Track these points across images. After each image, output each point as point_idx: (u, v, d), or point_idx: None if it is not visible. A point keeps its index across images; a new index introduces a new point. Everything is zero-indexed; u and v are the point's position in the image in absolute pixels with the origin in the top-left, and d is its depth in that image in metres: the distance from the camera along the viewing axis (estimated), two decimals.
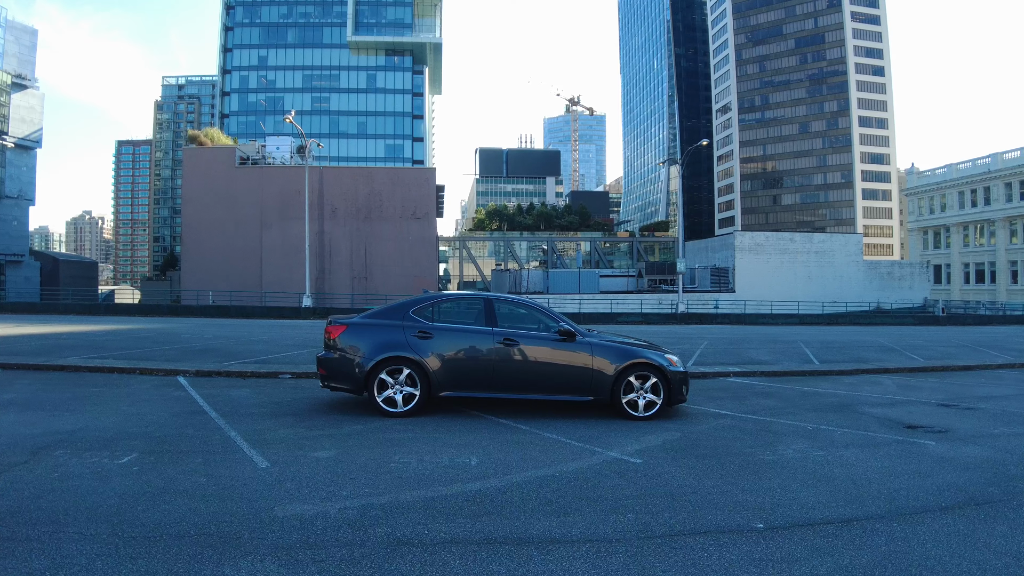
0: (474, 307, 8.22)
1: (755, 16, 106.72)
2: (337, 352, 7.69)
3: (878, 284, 55.49)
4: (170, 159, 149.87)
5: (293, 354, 13.93)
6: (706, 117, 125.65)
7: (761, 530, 4.27)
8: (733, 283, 54.75)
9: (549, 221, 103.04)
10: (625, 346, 8.18)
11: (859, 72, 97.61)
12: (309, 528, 3.99)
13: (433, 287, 48.28)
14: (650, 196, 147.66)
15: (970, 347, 20.54)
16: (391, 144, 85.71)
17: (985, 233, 62.04)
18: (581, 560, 3.69)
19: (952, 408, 9.92)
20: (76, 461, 5.22)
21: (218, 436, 6.32)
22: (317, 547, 3.71)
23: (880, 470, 5.95)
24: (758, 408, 9.36)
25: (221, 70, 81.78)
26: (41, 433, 6.19)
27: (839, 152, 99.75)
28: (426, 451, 6.03)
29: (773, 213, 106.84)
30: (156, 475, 4.92)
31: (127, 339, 16.20)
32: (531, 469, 5.55)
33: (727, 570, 3.63)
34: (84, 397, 8.36)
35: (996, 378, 13.83)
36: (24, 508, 4.09)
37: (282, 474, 5.11)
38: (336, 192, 44.11)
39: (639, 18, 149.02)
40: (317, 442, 6.26)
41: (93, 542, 3.64)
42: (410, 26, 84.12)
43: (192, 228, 42.86)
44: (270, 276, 41.99)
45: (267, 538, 3.80)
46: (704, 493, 5.05)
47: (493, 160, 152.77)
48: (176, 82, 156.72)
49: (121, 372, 10.71)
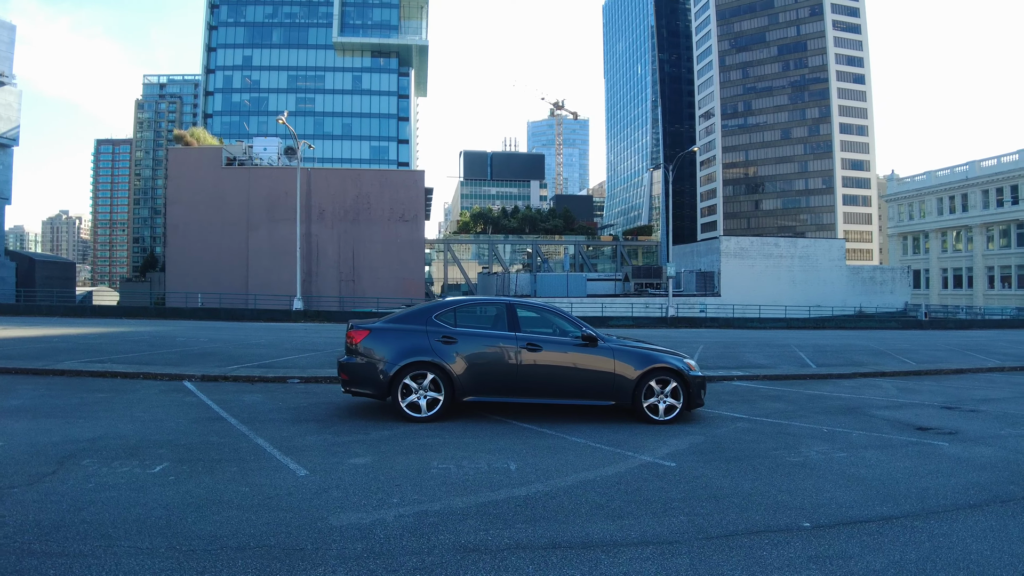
0: (496, 312, 8.18)
1: (739, 23, 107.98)
2: (360, 357, 7.60)
3: (860, 289, 56.33)
4: (151, 159, 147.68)
5: (294, 358, 13.77)
6: (689, 122, 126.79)
7: (808, 529, 4.40)
8: (719, 287, 55.22)
9: (534, 224, 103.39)
10: (646, 351, 8.23)
11: (840, 80, 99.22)
12: (370, 537, 3.93)
13: (422, 290, 48.04)
14: (633, 200, 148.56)
15: (957, 351, 20.91)
16: (376, 146, 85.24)
17: (963, 239, 63.33)
18: (648, 562, 3.75)
19: (955, 411, 10.12)
20: (107, 471, 5.08)
21: (246, 444, 6.20)
22: (385, 556, 3.66)
23: (904, 470, 6.14)
24: (770, 411, 9.48)
25: (205, 69, 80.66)
26: (61, 441, 6.02)
27: (820, 158, 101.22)
28: (461, 456, 6.01)
29: (755, 218, 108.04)
30: (195, 485, 4.80)
31: (122, 342, 15.88)
32: (572, 474, 5.58)
33: (788, 567, 3.75)
34: (94, 403, 8.16)
35: (989, 381, 14.10)
36: (68, 521, 3.95)
37: (324, 482, 5.03)
38: (324, 194, 43.73)
39: (623, 23, 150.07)
40: (349, 448, 6.18)
41: (152, 557, 3.53)
42: (396, 28, 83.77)
43: (177, 229, 42.17)
44: (257, 278, 41.46)
45: (331, 548, 3.73)
46: (745, 495, 5.16)
47: (477, 163, 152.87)
48: (158, 81, 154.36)
49: (125, 377, 10.49)
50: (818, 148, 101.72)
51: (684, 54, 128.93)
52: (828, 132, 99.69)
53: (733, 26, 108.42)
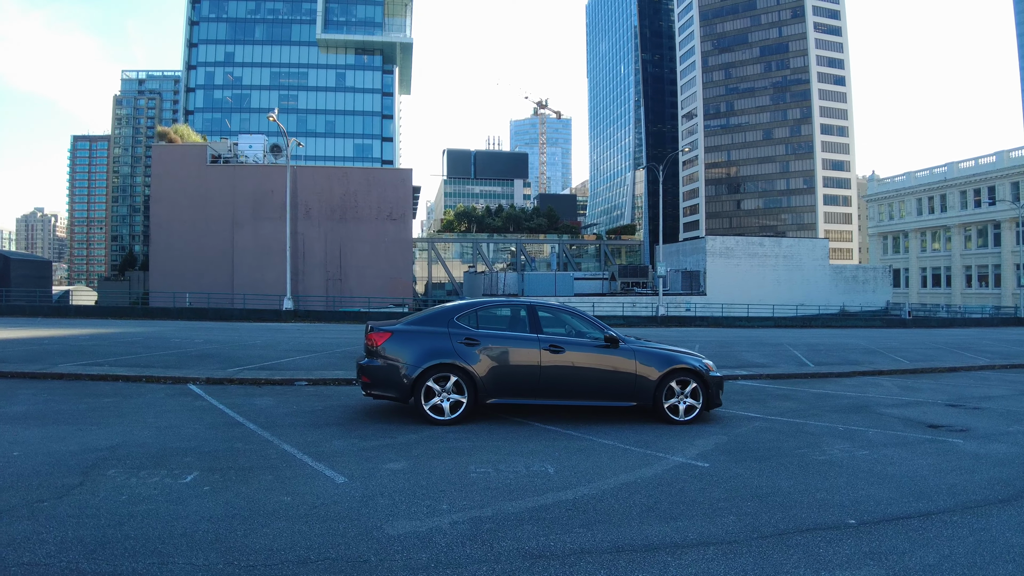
0: (517, 314, 8.11)
1: (721, 24, 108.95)
2: (381, 359, 7.47)
3: (843, 288, 57.11)
4: (129, 155, 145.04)
5: (295, 360, 13.55)
6: (672, 123, 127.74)
7: (855, 526, 4.47)
8: (704, 286, 55.63)
9: (518, 223, 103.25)
10: (666, 352, 8.23)
11: (821, 81, 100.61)
12: (432, 546, 3.84)
13: (409, 289, 47.80)
14: (616, 200, 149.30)
15: (946, 349, 21.25)
16: (360, 144, 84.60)
17: (941, 239, 64.52)
18: (714, 562, 3.78)
19: (960, 408, 10.28)
20: (136, 481, 4.88)
21: (272, 450, 6.04)
22: (453, 566, 3.57)
23: (928, 467, 6.25)
24: (782, 410, 9.55)
25: (186, 65, 79.32)
26: (79, 450, 5.80)
27: (801, 158, 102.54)
28: (496, 460, 5.94)
29: (737, 218, 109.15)
30: (233, 495, 4.64)
31: (114, 344, 15.51)
32: (611, 476, 5.55)
33: (848, 564, 3.82)
34: (101, 408, 7.92)
35: (983, 379, 14.33)
36: (111, 538, 3.76)
37: (366, 489, 4.91)
38: (310, 192, 43.26)
39: (606, 23, 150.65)
40: (380, 453, 6.05)
41: (211, 574, 3.38)
42: (380, 25, 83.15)
43: (161, 227, 41.41)
44: (242, 277, 40.88)
45: (396, 559, 3.61)
46: (785, 493, 5.21)
47: (461, 161, 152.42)
48: (136, 76, 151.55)
49: (127, 380, 10.22)
50: (799, 148, 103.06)
51: (667, 54, 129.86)
52: (809, 133, 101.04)
53: (716, 27, 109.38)
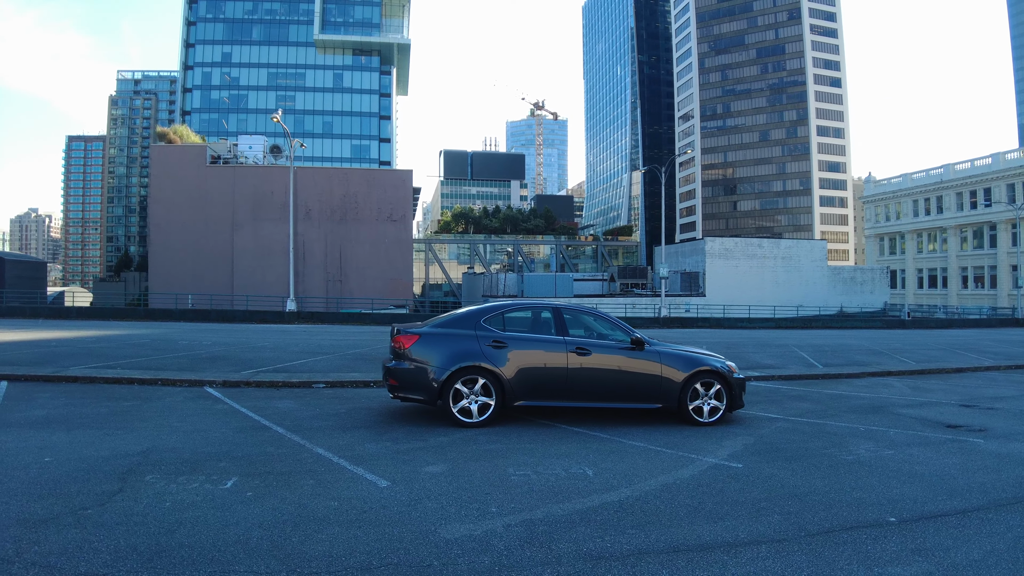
0: (542, 316, 8.14)
1: (718, 25, 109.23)
2: (409, 362, 7.45)
3: (841, 289, 57.28)
4: (125, 156, 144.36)
5: (307, 362, 13.48)
6: (668, 124, 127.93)
7: (896, 523, 4.56)
8: (703, 287, 55.68)
9: (515, 224, 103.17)
10: (690, 353, 8.26)
11: (818, 83, 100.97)
12: (491, 549, 3.83)
13: (410, 290, 47.76)
14: (612, 201, 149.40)
15: (948, 350, 21.34)
16: (357, 144, 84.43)
17: (937, 240, 64.83)
18: (769, 560, 3.83)
19: (974, 408, 10.36)
20: (176, 487, 4.82)
21: (307, 454, 5.99)
22: (517, 569, 3.57)
23: (955, 467, 6.34)
24: (801, 411, 9.62)
25: (183, 66, 78.95)
26: (110, 455, 5.72)
27: (798, 160, 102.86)
28: (533, 463, 5.93)
29: (733, 219, 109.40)
30: (279, 501, 4.59)
31: (123, 346, 15.41)
32: (650, 478, 5.58)
33: (897, 560, 3.90)
34: (124, 412, 7.85)
35: (991, 380, 14.42)
36: (166, 546, 3.71)
37: (411, 493, 4.89)
38: (311, 193, 43.15)
39: (603, 25, 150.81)
40: (415, 456, 6.03)
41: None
42: (378, 26, 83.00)
43: (160, 228, 41.21)
44: (242, 279, 40.75)
45: (459, 563, 3.60)
46: (822, 493, 5.26)
47: (457, 162, 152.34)
48: (132, 77, 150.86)
49: (142, 383, 10.14)
50: (796, 150, 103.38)
51: (663, 56, 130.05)
52: (806, 134, 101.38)
53: (712, 28, 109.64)
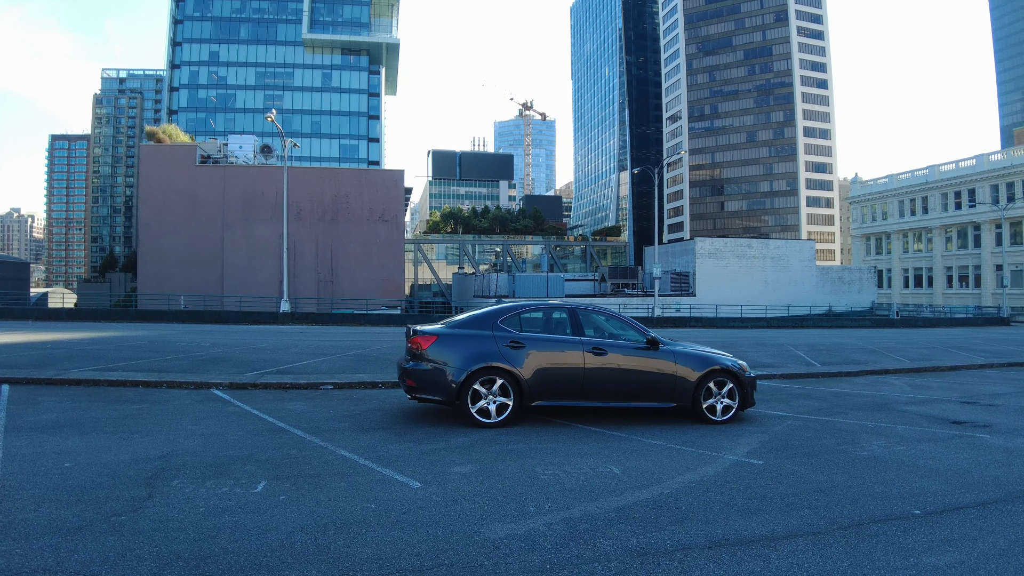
0: (558, 316, 8.17)
1: (706, 27, 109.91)
2: (427, 363, 7.43)
3: (830, 288, 57.84)
4: (110, 155, 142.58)
5: (310, 363, 13.38)
6: (656, 125, 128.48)
7: (921, 516, 4.73)
8: (694, 287, 56.01)
9: (504, 224, 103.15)
10: (704, 353, 8.35)
11: (804, 84, 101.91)
12: (538, 548, 3.84)
13: (402, 291, 47.58)
14: (600, 201, 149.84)
15: (940, 348, 21.62)
16: (346, 144, 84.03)
17: (923, 240, 65.67)
18: (809, 552, 3.93)
19: (975, 405, 10.56)
20: (206, 492, 4.75)
21: (331, 456, 5.95)
22: (568, 567, 3.60)
23: (967, 461, 6.52)
24: (807, 409, 9.76)
25: (169, 64, 78.07)
26: (131, 460, 5.63)
27: (785, 161, 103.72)
28: (559, 462, 5.96)
29: (720, 219, 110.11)
30: (314, 504, 4.55)
31: (120, 348, 15.20)
32: (677, 476, 5.65)
33: (928, 550, 4.05)
34: (134, 416, 7.74)
35: (986, 378, 14.65)
36: (210, 552, 3.65)
37: (445, 493, 4.89)
38: (302, 193, 42.83)
39: (591, 26, 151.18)
40: (440, 457, 6.03)
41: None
42: (367, 25, 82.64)
43: (149, 229, 40.74)
44: (232, 279, 40.39)
45: (510, 562, 3.62)
46: (845, 487, 5.40)
47: (446, 162, 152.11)
48: (117, 75, 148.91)
49: (147, 386, 10.02)
50: (782, 151, 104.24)
51: (651, 57, 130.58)
52: (792, 135, 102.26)
53: (700, 30, 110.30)
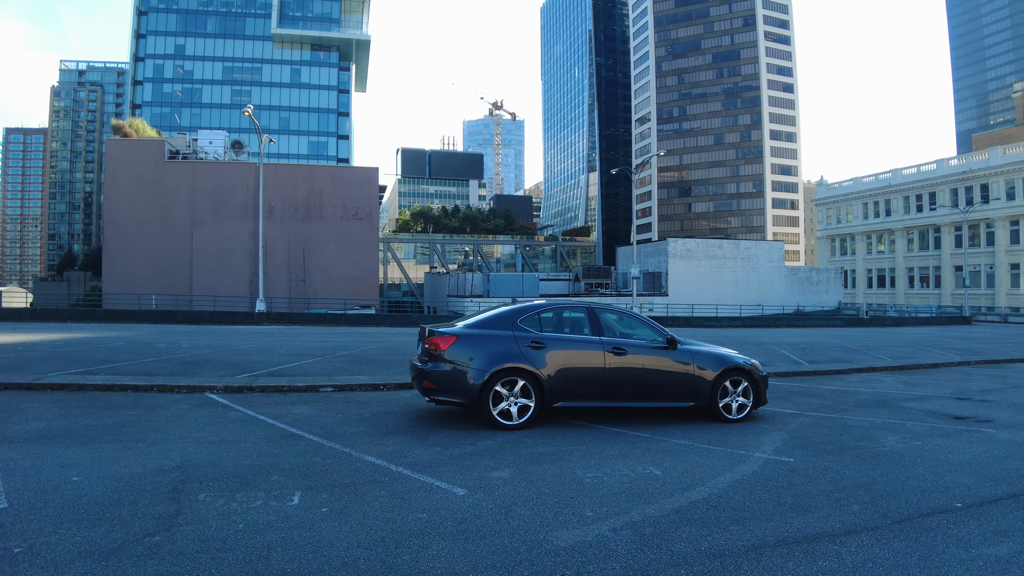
0: (578, 316, 8.02)
1: (675, 30, 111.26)
2: (447, 364, 7.18)
3: (798, 288, 59.03)
4: (68, 150, 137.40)
5: (300, 364, 12.95)
6: (625, 126, 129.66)
7: (963, 508, 4.83)
8: (666, 287, 56.58)
9: (475, 224, 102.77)
10: (719, 352, 8.33)
11: (771, 88, 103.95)
12: (614, 554, 3.73)
13: (376, 290, 46.91)
14: (570, 202, 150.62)
15: (915, 346, 22.14)
16: (315, 141, 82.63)
17: (886, 241, 67.54)
18: (875, 547, 3.99)
19: (969, 401, 10.81)
20: (239, 506, 4.43)
21: (360, 464, 5.66)
22: (651, 571, 3.54)
23: (984, 455, 6.69)
24: (813, 406, 9.87)
25: (133, 57, 75.47)
26: (144, 472, 5.25)
27: (751, 163, 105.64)
28: (596, 464, 5.84)
29: (688, 220, 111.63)
30: (361, 516, 4.28)
31: (96, 350, 14.50)
32: (717, 475, 5.62)
33: (986, 542, 4.15)
34: (132, 423, 7.30)
35: (967, 375, 15.03)
36: (270, 573, 3.38)
37: (494, 500, 4.69)
38: (274, 190, 41.82)
39: (561, 27, 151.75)
40: (474, 461, 5.82)
41: None
42: (337, 21, 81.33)
43: (116, 226, 39.26)
44: (201, 279, 39.25)
45: (591, 569, 3.52)
46: (883, 483, 5.48)
47: (415, 161, 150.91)
48: (76, 67, 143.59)
49: (136, 390, 9.52)
50: (749, 153, 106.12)
51: (621, 59, 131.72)
52: (759, 138, 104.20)
53: (670, 33, 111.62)
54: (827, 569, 3.62)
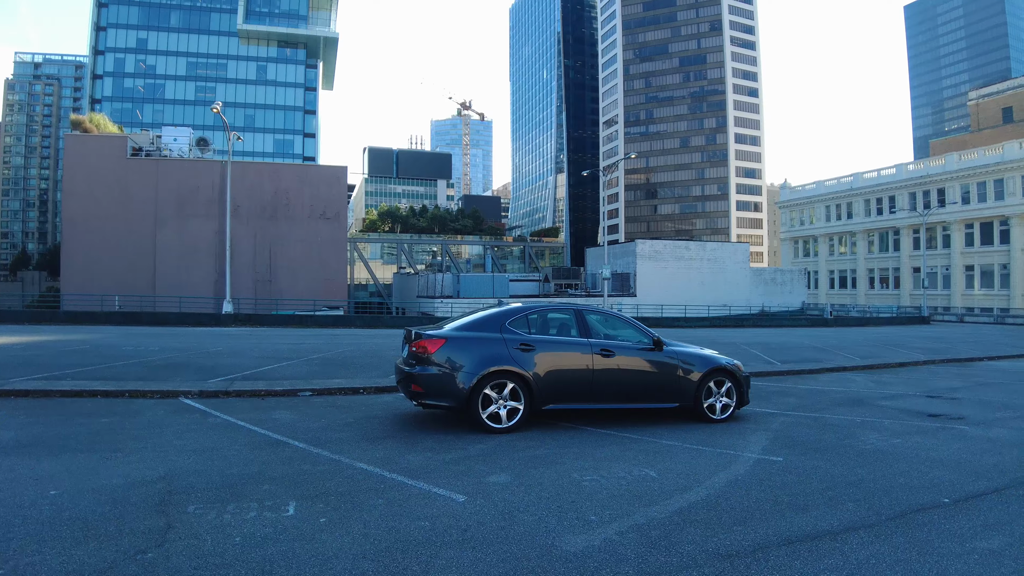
0: (565, 318, 8.01)
1: (643, 34, 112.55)
2: (436, 367, 7.07)
3: (763, 289, 60.12)
4: (23, 145, 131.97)
5: (274, 368, 12.65)
6: (592, 128, 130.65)
7: (951, 504, 4.98)
8: (635, 288, 57.03)
9: (443, 224, 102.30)
10: (703, 353, 8.42)
11: (736, 92, 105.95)
12: (624, 560, 3.71)
13: (344, 291, 46.25)
14: (538, 203, 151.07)
15: (880, 346, 22.74)
16: (281, 139, 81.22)
17: (847, 243, 69.37)
18: (876, 544, 4.08)
19: (940, 399, 11.14)
20: (232, 519, 4.25)
21: (351, 470, 5.52)
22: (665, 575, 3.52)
23: (962, 451, 6.92)
24: (792, 406, 10.04)
25: (92, 50, 72.94)
26: (126, 484, 5.00)
27: (716, 166, 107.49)
28: (591, 467, 5.82)
29: (654, 222, 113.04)
30: (362, 525, 4.17)
31: (60, 353, 13.93)
32: (712, 475, 5.67)
33: (976, 535, 4.29)
34: (106, 431, 7.00)
35: (934, 373, 15.54)
36: None
37: (496, 506, 4.62)
38: (240, 188, 40.78)
39: (530, 28, 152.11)
40: (468, 466, 5.73)
41: None
42: (305, 18, 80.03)
43: (75, 225, 37.86)
44: (165, 279, 38.15)
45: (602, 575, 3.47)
46: (871, 480, 5.60)
47: (383, 160, 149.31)
48: (32, 60, 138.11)
49: (107, 396, 9.16)
50: (714, 156, 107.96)
51: (589, 61, 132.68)
52: (724, 141, 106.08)
53: (638, 36, 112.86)
54: (834, 567, 3.68)
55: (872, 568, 3.68)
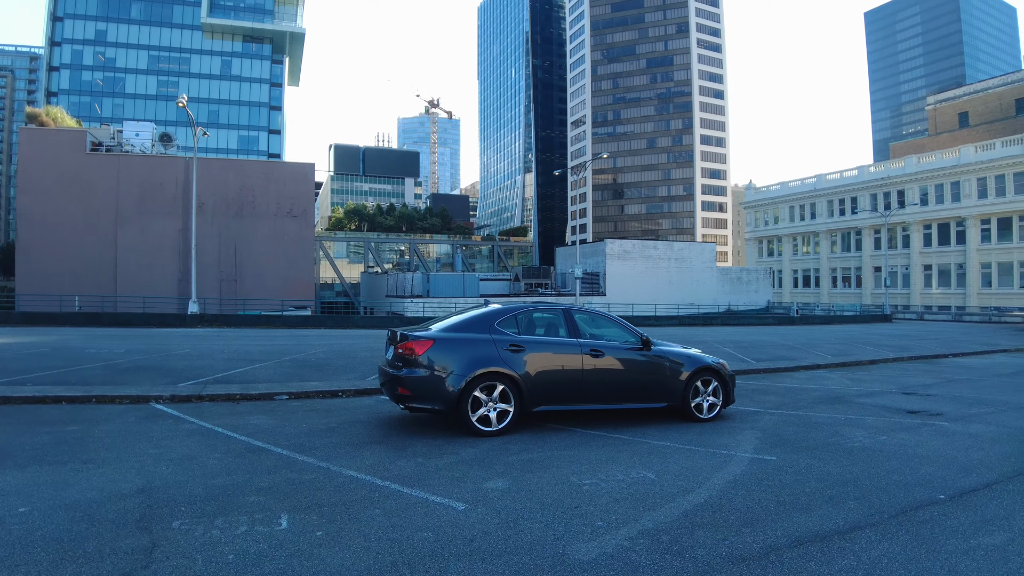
0: (554, 318, 7.90)
1: (611, 35, 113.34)
2: (423, 369, 6.88)
3: (729, 288, 61.12)
4: None
5: (245, 370, 12.27)
6: (560, 128, 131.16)
7: (946, 500, 5.04)
8: (604, 287, 57.40)
9: (411, 223, 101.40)
10: (690, 352, 8.43)
11: (702, 94, 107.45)
12: (639, 567, 3.64)
13: (311, 291, 45.46)
14: (506, 202, 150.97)
15: (849, 343, 23.18)
16: (245, 136, 79.52)
17: (811, 243, 70.90)
18: (884, 542, 4.09)
19: (916, 396, 11.37)
20: (221, 534, 3.99)
21: (341, 479, 5.31)
22: None
23: (946, 447, 7.04)
24: (774, 404, 10.15)
25: (48, 41, 70.11)
26: (101, 498, 4.69)
27: (682, 167, 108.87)
28: (589, 470, 5.73)
29: (620, 221, 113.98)
30: (362, 538, 3.98)
31: (18, 357, 13.26)
32: (711, 476, 5.65)
33: (978, 531, 4.34)
34: (74, 440, 6.61)
35: (904, 370, 15.91)
36: None
37: (498, 514, 4.48)
38: (204, 185, 39.68)
39: (498, 27, 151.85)
40: (463, 472, 5.58)
41: None
42: (271, 12, 78.43)
43: (31, 222, 36.30)
44: (126, 279, 36.93)
45: None
46: (866, 478, 5.63)
47: (349, 157, 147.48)
48: None
49: (73, 402, 8.73)
50: (680, 157, 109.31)
51: (557, 61, 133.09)
52: (690, 142, 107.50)
53: (606, 37, 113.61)
54: (848, 567, 3.68)
55: (885, 568, 3.68)
